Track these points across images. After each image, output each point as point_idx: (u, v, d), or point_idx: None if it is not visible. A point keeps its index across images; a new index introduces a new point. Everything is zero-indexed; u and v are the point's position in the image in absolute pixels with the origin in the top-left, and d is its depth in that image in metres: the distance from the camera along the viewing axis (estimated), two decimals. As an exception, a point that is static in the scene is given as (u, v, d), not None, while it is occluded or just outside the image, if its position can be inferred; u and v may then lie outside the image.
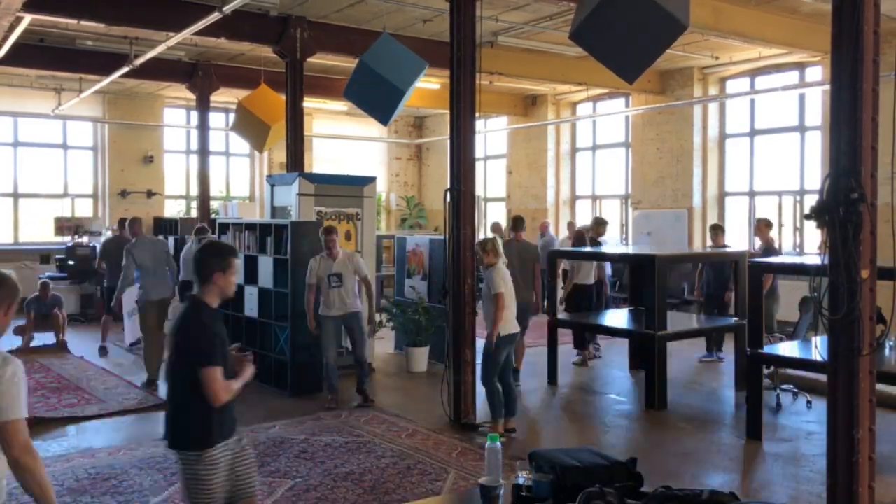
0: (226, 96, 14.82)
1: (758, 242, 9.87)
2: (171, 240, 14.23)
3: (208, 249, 3.55)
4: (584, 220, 16.10)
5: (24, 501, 5.02)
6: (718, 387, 8.50)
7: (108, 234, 10.14)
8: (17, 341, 10.07)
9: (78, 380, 8.67)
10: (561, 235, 15.20)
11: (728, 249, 9.88)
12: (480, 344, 6.58)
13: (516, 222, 8.91)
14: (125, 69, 11.09)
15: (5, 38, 9.59)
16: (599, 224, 10.30)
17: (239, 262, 4.08)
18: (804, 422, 7.07)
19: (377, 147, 19.16)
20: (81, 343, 10.60)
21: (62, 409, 7.42)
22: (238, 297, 8.95)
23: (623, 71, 4.74)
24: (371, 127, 17.57)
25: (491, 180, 18.13)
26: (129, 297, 9.47)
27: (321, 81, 13.32)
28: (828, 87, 4.19)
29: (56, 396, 7.89)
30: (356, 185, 9.31)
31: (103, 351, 10.15)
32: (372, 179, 9.52)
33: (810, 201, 11.83)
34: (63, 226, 14.24)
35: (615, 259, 10.04)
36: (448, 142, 7.07)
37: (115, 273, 9.35)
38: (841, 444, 3.92)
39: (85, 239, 14.09)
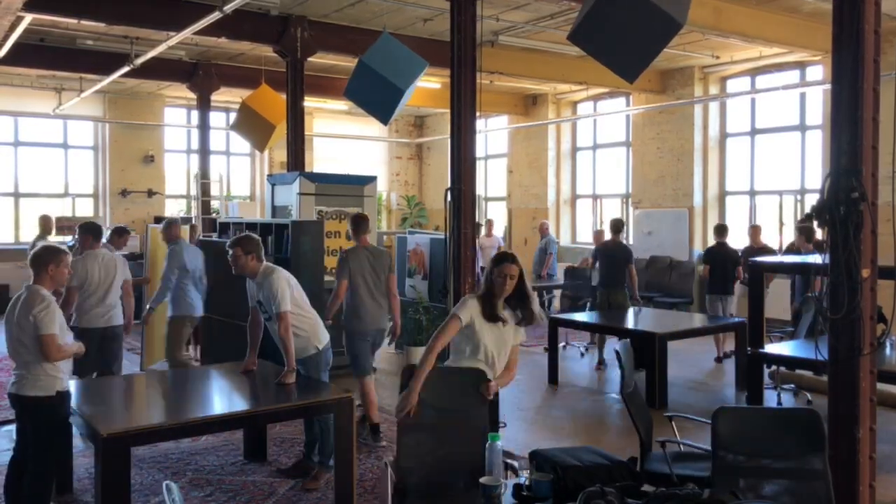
0: (226, 96, 14.83)
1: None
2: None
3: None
4: (585, 219, 16.16)
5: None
6: (719, 386, 8.51)
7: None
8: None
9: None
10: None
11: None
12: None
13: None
14: (126, 69, 11.10)
15: (6, 37, 9.59)
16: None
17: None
18: (805, 421, 7.06)
19: (378, 146, 19.17)
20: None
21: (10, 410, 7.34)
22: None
23: (623, 70, 4.74)
24: (371, 126, 17.57)
25: (491, 179, 18.14)
26: None
27: (322, 81, 13.33)
28: (828, 86, 4.20)
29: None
30: (357, 185, 9.32)
31: None
32: (372, 179, 9.52)
33: (811, 200, 11.84)
34: (64, 225, 14.23)
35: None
36: (448, 141, 7.06)
37: None
38: (842, 443, 3.92)
39: (86, 238, 14.08)
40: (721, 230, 9.71)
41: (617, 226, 9.41)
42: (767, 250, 9.68)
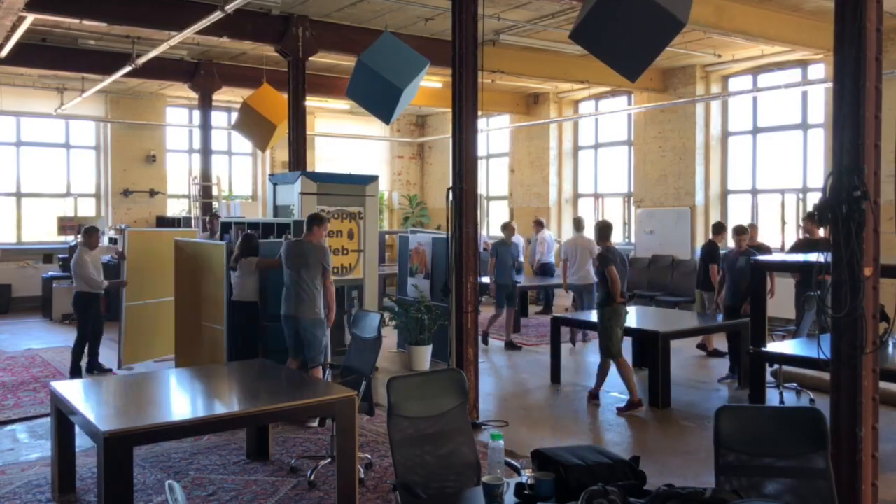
0: (228, 95, 14.83)
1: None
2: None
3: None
4: (587, 218, 16.12)
5: (27, 500, 5.05)
6: (721, 385, 8.50)
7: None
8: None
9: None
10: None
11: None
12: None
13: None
14: (127, 68, 11.10)
15: (8, 37, 9.60)
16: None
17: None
18: (807, 420, 7.04)
19: (379, 146, 19.17)
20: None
21: (13, 409, 7.36)
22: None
23: (625, 69, 4.73)
24: (373, 126, 17.58)
25: (493, 179, 18.14)
26: None
27: (323, 80, 13.33)
28: (830, 84, 4.20)
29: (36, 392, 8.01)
30: (358, 184, 9.31)
31: None
32: (374, 178, 9.51)
33: (813, 199, 11.82)
34: (66, 225, 14.26)
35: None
36: (450, 140, 7.06)
37: None
38: (844, 442, 3.92)
39: (88, 238, 14.10)
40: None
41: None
42: (760, 248, 9.62)
